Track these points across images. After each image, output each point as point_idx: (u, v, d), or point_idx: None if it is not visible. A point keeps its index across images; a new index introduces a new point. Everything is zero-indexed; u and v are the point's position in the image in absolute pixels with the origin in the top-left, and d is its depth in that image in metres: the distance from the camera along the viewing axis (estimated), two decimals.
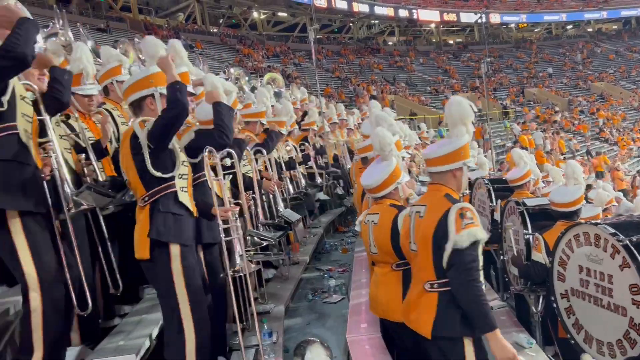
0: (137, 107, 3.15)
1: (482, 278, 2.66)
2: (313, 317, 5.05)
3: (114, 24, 29.16)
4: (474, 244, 2.59)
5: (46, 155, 3.02)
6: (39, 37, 3.66)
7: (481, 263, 2.67)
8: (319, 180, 7.95)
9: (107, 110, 4.13)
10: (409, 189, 3.80)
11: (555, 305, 3.67)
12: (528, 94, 37.32)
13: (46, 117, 3.05)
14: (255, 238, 3.93)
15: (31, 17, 2.75)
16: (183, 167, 3.10)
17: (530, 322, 4.40)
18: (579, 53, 45.23)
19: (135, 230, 3.00)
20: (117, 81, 4.29)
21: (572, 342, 3.51)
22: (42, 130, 3.06)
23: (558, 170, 5.86)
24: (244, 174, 4.34)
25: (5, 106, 2.73)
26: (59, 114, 3.43)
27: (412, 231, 2.87)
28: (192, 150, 3.34)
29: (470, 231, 2.57)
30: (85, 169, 3.56)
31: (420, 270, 2.80)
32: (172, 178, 2.99)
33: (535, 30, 49.78)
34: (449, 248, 2.60)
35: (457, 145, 2.78)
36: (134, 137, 2.94)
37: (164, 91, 3.06)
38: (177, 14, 37.74)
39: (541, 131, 26.76)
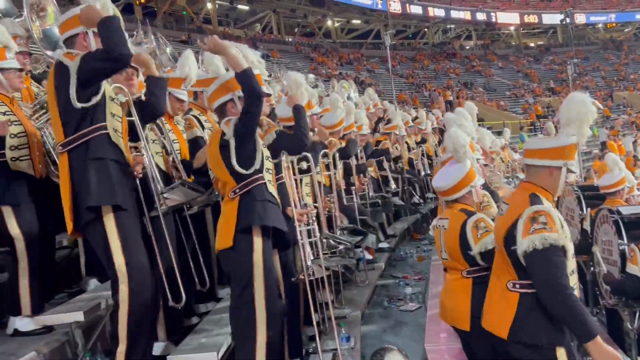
0: (221, 112, 3.26)
1: (573, 283, 2.49)
2: (389, 325, 4.98)
3: (195, 36, 30.48)
4: (554, 248, 2.42)
5: (138, 153, 3.17)
6: None
7: (572, 268, 2.50)
8: (393, 185, 7.84)
9: (194, 116, 4.29)
10: (501, 193, 3.64)
11: None
12: (617, 98, 35.08)
13: (136, 119, 3.19)
14: (331, 241, 3.92)
15: (113, 14, 2.86)
16: (268, 162, 3.16)
17: (623, 339, 4.11)
18: None
19: (220, 222, 3.09)
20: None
21: None
22: (132, 133, 3.20)
23: None
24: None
25: (96, 101, 2.86)
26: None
27: (495, 229, 2.77)
28: (273, 151, 3.41)
29: (537, 237, 2.40)
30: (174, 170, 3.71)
31: (501, 269, 2.68)
32: (260, 170, 3.06)
33: (626, 30, 46.75)
34: (519, 252, 2.46)
35: (563, 143, 2.58)
36: (221, 136, 3.05)
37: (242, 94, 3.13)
38: (255, 24, 38.88)
39: (632, 137, 25.04)
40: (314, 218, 3.48)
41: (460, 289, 3.19)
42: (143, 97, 3.33)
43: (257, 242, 2.99)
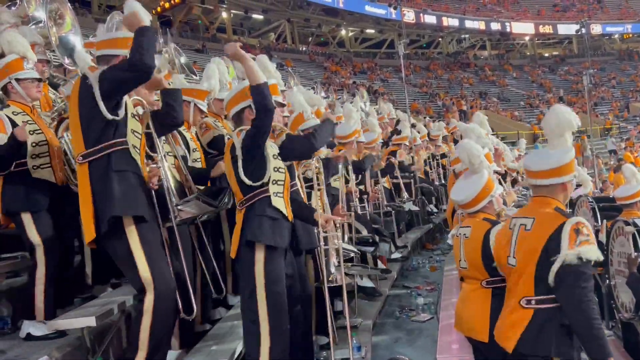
0: (237, 119, 3.31)
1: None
2: (401, 335, 4.94)
3: (210, 45, 30.77)
4: (588, 261, 2.42)
5: (154, 165, 3.20)
6: None
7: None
8: (405, 195, 7.82)
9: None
10: (509, 199, 3.62)
11: None
12: (634, 109, 34.68)
13: (154, 132, 3.23)
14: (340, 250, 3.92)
15: (149, 25, 2.93)
16: (278, 173, 3.17)
17: (639, 353, 4.04)
18: None
19: (234, 231, 3.15)
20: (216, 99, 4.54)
21: None
22: (149, 144, 3.24)
23: None
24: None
25: (120, 117, 2.93)
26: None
27: (513, 245, 2.72)
28: (282, 154, 3.45)
29: (584, 249, 2.40)
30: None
31: (517, 286, 2.65)
32: (266, 184, 3.09)
33: None
34: (557, 264, 2.44)
35: (570, 157, 2.65)
36: (233, 146, 3.11)
37: None
38: (269, 33, 39.14)
39: None
40: (338, 225, 3.50)
41: (479, 299, 3.14)
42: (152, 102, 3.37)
43: (259, 252, 3.03)
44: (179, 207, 3.15)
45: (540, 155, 2.77)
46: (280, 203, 3.14)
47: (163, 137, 3.48)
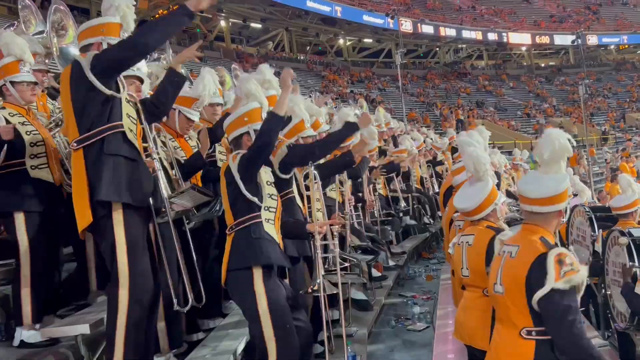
0: (236, 144, 3.30)
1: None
2: (396, 344, 4.93)
3: (208, 53, 30.86)
4: (573, 293, 2.41)
5: (148, 158, 3.18)
6: (143, 62, 3.94)
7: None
8: (403, 204, 7.82)
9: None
10: (502, 212, 3.62)
11: None
12: (630, 120, 34.86)
13: (146, 126, 3.22)
14: (340, 258, 3.91)
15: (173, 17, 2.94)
16: (271, 200, 3.18)
17: None
18: None
19: (224, 257, 3.13)
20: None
21: None
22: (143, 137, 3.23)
23: None
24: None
25: (118, 96, 2.92)
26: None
27: (500, 272, 2.68)
28: (284, 164, 3.45)
29: (570, 279, 2.38)
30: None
31: (512, 314, 2.61)
32: (259, 209, 3.09)
33: (638, 52, 46.63)
34: (540, 293, 2.41)
35: (565, 186, 2.61)
36: (228, 169, 3.10)
37: (258, 127, 3.19)
38: (267, 42, 39.28)
39: None
40: (334, 233, 3.50)
41: (480, 308, 3.13)
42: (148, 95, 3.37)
43: (257, 275, 3.00)
44: (172, 200, 3.13)
45: (535, 182, 2.73)
46: (272, 229, 3.14)
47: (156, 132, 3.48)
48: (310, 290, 3.31)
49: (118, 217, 2.82)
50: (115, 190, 2.82)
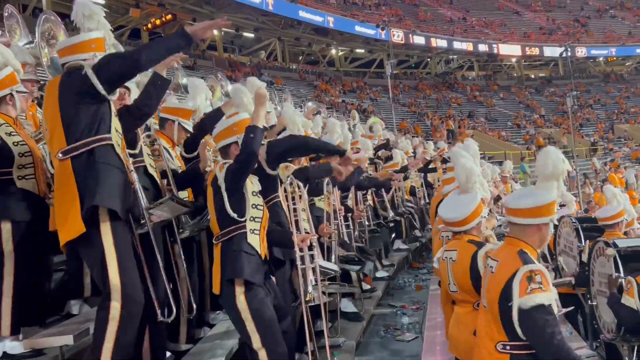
0: (224, 153, 3.34)
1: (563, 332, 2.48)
2: (385, 355, 4.91)
3: (200, 62, 30.86)
4: (548, 307, 2.43)
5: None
6: None
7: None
8: (391, 214, 7.82)
9: (165, 148, 4.05)
10: (489, 224, 3.65)
11: None
12: (618, 131, 35.22)
13: (138, 131, 3.26)
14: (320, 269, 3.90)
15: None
16: (256, 210, 3.20)
17: None
18: None
19: (214, 266, 3.15)
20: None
21: None
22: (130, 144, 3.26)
23: None
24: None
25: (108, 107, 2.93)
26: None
27: (484, 286, 2.73)
28: (272, 158, 3.48)
29: (534, 297, 2.40)
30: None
31: (490, 328, 2.64)
32: (244, 220, 3.11)
33: (627, 64, 47.20)
34: (514, 312, 2.44)
35: (548, 200, 2.62)
36: (215, 179, 3.14)
37: None
38: (259, 52, 39.34)
39: (634, 170, 25.02)
40: (315, 244, 3.50)
41: (473, 322, 3.11)
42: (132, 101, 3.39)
43: (240, 286, 3.04)
44: (150, 211, 3.12)
45: (523, 194, 2.75)
46: (256, 240, 3.15)
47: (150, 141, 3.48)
48: (306, 301, 3.32)
49: (106, 228, 2.80)
50: (110, 197, 2.80)
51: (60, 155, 2.85)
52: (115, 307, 2.74)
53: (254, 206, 3.18)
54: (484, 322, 2.72)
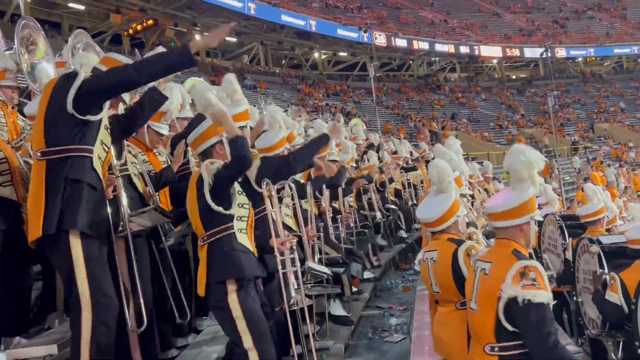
0: (208, 154, 3.23)
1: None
2: (373, 357, 4.91)
3: None
4: (543, 305, 2.43)
5: (112, 175, 3.13)
6: None
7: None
8: (378, 215, 7.84)
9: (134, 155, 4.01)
10: (479, 223, 3.66)
11: None
12: (598, 130, 35.78)
13: (124, 141, 3.21)
14: (310, 273, 3.89)
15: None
16: (242, 209, 3.14)
17: None
18: None
19: (199, 268, 3.08)
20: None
21: None
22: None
23: (638, 207, 5.50)
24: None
25: (93, 119, 2.88)
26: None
27: (475, 289, 2.71)
28: (261, 177, 3.44)
29: (527, 293, 2.40)
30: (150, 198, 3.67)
31: (480, 331, 2.64)
32: (231, 219, 3.05)
33: (605, 64, 47.99)
34: (502, 302, 2.45)
35: (524, 199, 2.63)
36: (200, 179, 3.03)
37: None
38: (242, 56, 39.26)
39: (614, 168, 25.40)
40: (295, 247, 3.47)
41: (456, 322, 3.14)
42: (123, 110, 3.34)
43: (231, 288, 2.98)
44: (130, 219, 3.08)
45: (500, 197, 2.77)
46: (245, 240, 3.11)
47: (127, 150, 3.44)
48: (289, 305, 3.29)
49: (76, 243, 2.74)
50: (73, 218, 2.74)
51: (38, 154, 2.83)
52: (86, 317, 2.70)
53: (240, 205, 3.12)
54: (472, 325, 2.73)
